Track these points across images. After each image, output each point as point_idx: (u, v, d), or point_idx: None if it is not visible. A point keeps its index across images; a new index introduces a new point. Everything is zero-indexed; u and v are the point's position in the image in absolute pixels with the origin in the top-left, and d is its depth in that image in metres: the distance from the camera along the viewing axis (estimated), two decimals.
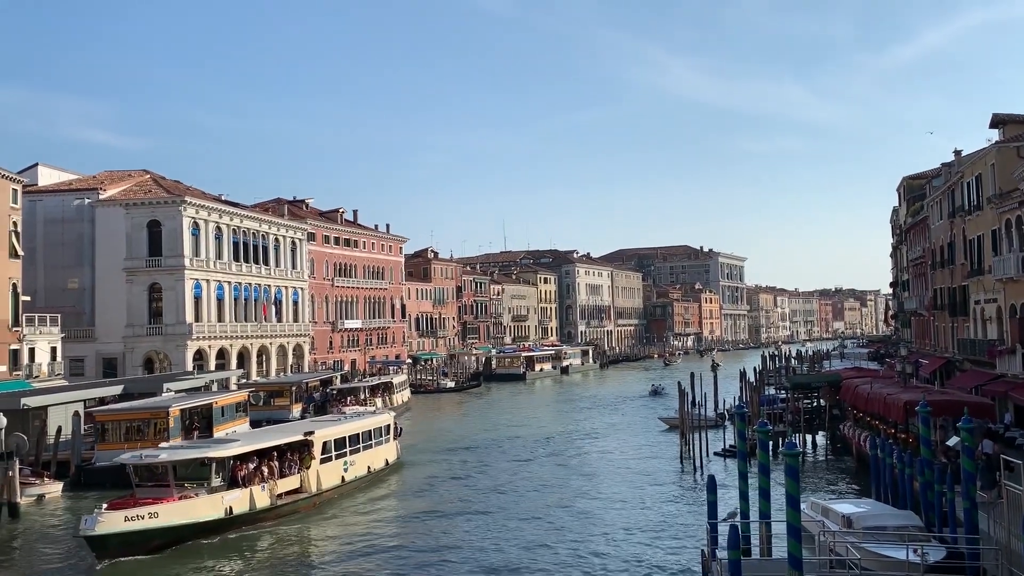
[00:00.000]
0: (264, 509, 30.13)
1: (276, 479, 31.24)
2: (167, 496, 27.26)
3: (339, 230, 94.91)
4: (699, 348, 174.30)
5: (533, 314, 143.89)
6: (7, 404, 38.94)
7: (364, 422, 39.34)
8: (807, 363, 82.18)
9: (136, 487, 28.06)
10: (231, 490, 29.04)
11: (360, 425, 38.50)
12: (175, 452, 29.34)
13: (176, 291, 65.79)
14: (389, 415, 43.12)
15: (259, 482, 30.28)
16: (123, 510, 25.96)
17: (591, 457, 45.01)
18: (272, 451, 32.25)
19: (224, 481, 29.18)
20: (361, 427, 38.36)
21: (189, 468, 28.70)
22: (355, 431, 37.50)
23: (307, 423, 39.60)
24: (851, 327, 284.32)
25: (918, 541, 19.27)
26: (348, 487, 35.70)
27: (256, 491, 29.90)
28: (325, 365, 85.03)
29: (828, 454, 43.17)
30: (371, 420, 40.31)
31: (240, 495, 29.18)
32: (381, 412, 43.62)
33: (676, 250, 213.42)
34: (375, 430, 39.55)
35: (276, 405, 56.92)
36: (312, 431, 34.30)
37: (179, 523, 26.86)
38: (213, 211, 70.20)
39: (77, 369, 63.72)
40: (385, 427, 40.90)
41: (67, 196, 68.07)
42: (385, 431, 40.76)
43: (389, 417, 42.43)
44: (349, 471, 36.06)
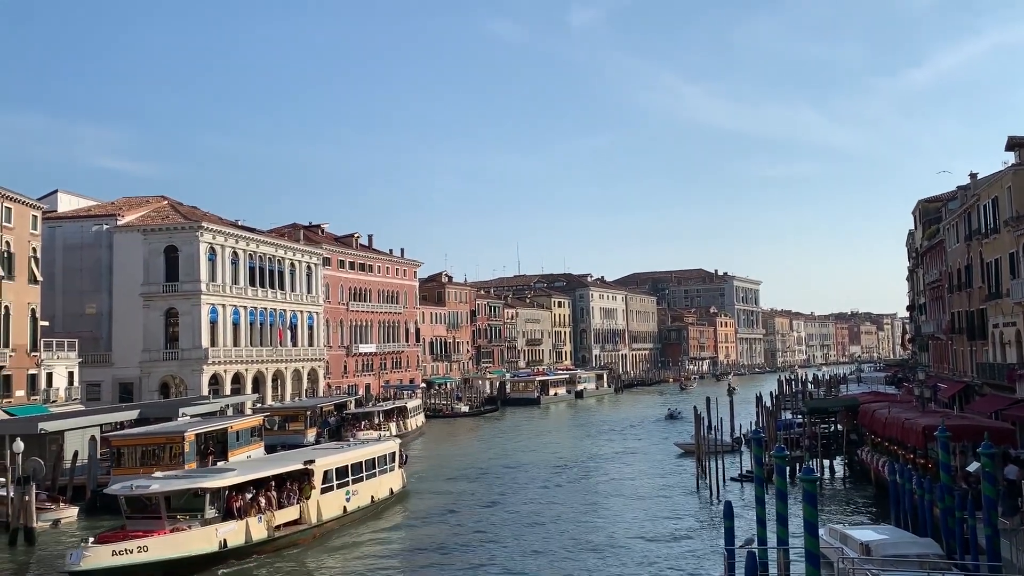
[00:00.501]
0: (261, 541, 29.09)
1: (274, 510, 30.27)
2: (158, 529, 26.32)
3: (354, 255, 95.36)
4: (715, 372, 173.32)
5: (547, 338, 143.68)
6: (25, 429, 39.16)
7: (368, 450, 38.14)
8: (824, 387, 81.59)
9: (127, 519, 27.16)
10: (226, 522, 28.03)
11: (363, 453, 37.29)
12: (167, 483, 28.27)
13: (192, 316, 66.18)
14: (394, 442, 41.90)
15: (256, 513, 29.32)
16: (111, 544, 24.94)
17: (606, 482, 44.70)
18: (270, 481, 31.23)
19: (219, 512, 28.20)
20: (364, 455, 37.12)
21: (182, 499, 27.70)
22: (358, 459, 36.28)
23: (308, 451, 38.43)
24: (868, 351, 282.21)
25: (939, 569, 19.00)
26: (350, 518, 34.56)
27: (252, 523, 28.90)
28: (340, 389, 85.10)
29: (846, 480, 42.70)
30: (375, 448, 39.14)
31: (235, 527, 28.18)
32: (386, 439, 42.55)
33: (691, 274, 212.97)
34: (379, 458, 38.31)
35: (291, 430, 56.99)
36: (312, 460, 33.15)
37: (170, 557, 25.74)
38: (230, 236, 70.73)
39: (94, 394, 64.06)
40: (390, 455, 39.63)
41: (86, 222, 68.80)
42: (390, 459, 39.49)
43: (394, 444, 41.31)
44: (351, 501, 34.89)
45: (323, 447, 41.38)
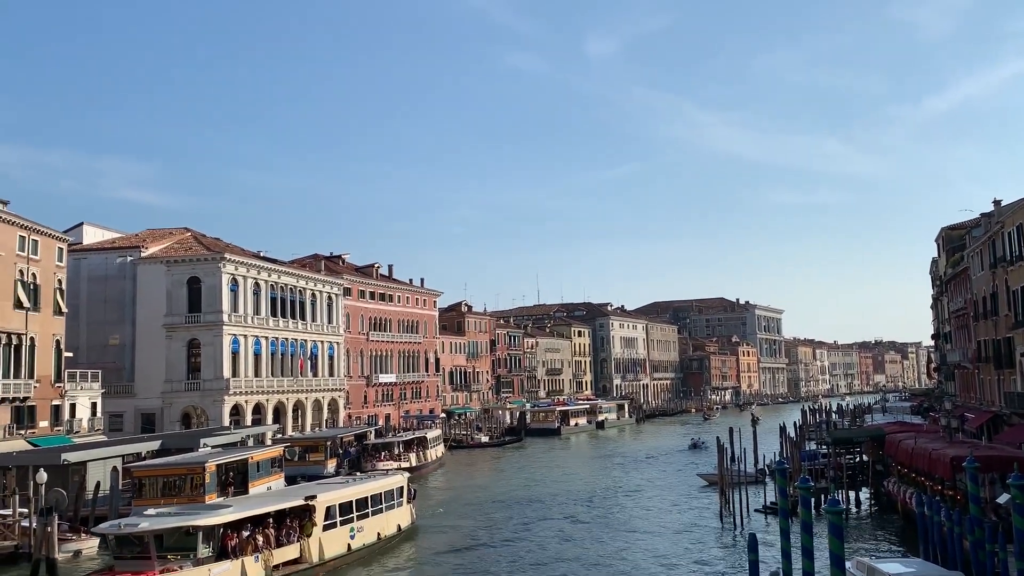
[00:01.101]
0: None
1: (272, 548, 29.00)
2: (148, 569, 25.11)
3: (374, 285, 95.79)
4: (737, 402, 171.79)
5: (567, 367, 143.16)
6: (48, 459, 39.44)
7: (374, 484, 36.67)
8: (848, 417, 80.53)
9: (115, 559, 25.96)
10: (220, 561, 26.81)
11: (369, 488, 35.89)
12: (157, 520, 26.87)
13: (214, 346, 66.58)
14: (402, 476, 40.13)
15: (252, 552, 28.00)
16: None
17: (628, 515, 44.22)
18: (268, 517, 30.00)
19: (213, 552, 26.97)
20: (370, 490, 35.74)
21: (173, 538, 26.43)
22: (363, 494, 34.91)
23: (310, 486, 36.85)
24: (892, 380, 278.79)
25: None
26: (355, 556, 33.27)
27: (248, 562, 27.61)
28: (360, 420, 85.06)
29: (873, 512, 41.98)
30: (382, 482, 37.58)
31: (230, 567, 26.90)
32: (394, 473, 40.87)
33: (712, 302, 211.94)
34: (386, 493, 36.82)
35: (311, 460, 56.95)
36: (314, 495, 31.82)
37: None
38: (252, 267, 71.32)
39: (116, 424, 64.43)
40: (398, 489, 38.17)
41: (110, 254, 69.67)
42: (398, 493, 38.06)
43: (402, 479, 39.70)
44: (356, 538, 33.62)
45: (326, 482, 40.16)
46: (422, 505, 48.30)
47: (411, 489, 40.03)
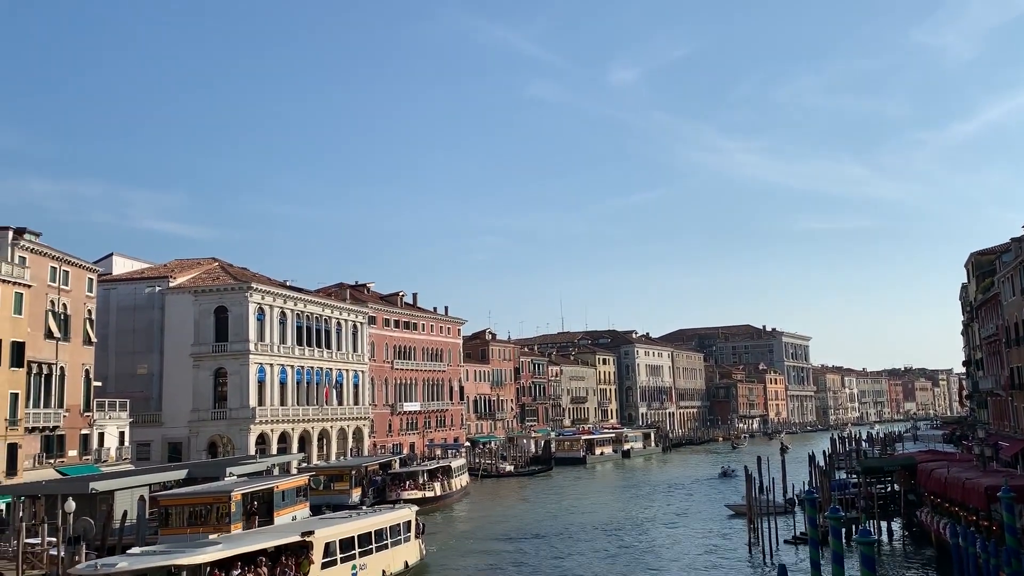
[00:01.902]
0: None
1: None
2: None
3: (399, 313, 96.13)
4: (765, 430, 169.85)
5: (592, 396, 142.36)
6: (76, 489, 39.70)
7: (378, 519, 34.92)
8: (878, 446, 79.35)
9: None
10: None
11: (373, 522, 34.08)
12: (137, 560, 25.17)
13: (241, 375, 66.99)
14: (410, 510, 38.22)
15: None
16: None
17: (656, 544, 43.69)
18: (260, 556, 28.23)
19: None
20: (374, 524, 33.92)
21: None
22: (367, 529, 33.16)
23: (310, 521, 35.46)
24: (923, 408, 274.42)
25: None
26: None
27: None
28: (384, 448, 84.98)
29: (905, 542, 41.14)
30: (387, 516, 35.85)
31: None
32: (401, 507, 38.94)
33: (738, 330, 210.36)
34: (392, 527, 35.14)
35: (336, 489, 56.86)
36: (311, 530, 29.98)
37: None
38: (278, 296, 71.88)
39: (144, 453, 64.86)
40: (404, 524, 36.50)
41: (139, 284, 70.56)
42: (405, 528, 36.35)
43: (410, 512, 37.90)
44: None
45: (329, 516, 38.31)
46: (443, 536, 48.07)
47: (419, 523, 38.45)
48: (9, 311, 48.24)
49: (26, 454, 49.52)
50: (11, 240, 49.99)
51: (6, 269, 48.19)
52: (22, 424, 49.05)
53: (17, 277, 49.02)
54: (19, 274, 49.31)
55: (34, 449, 50.60)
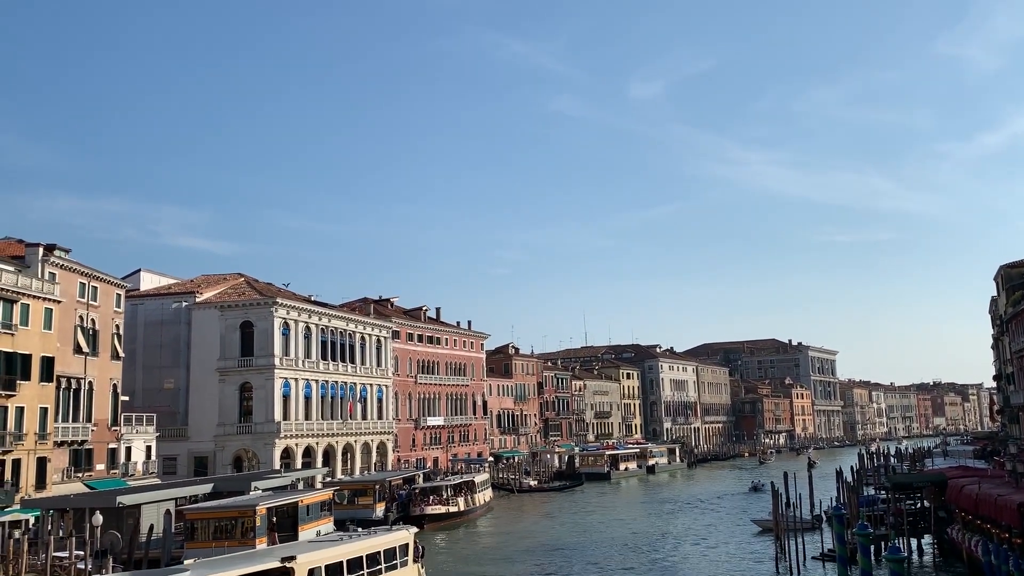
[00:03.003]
0: None
1: None
2: None
3: (422, 327, 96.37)
4: (792, 446, 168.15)
5: (616, 410, 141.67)
6: (104, 502, 40.09)
7: (372, 542, 32.07)
8: (907, 462, 78.20)
9: None
10: None
11: (365, 546, 31.12)
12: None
13: (266, 390, 67.41)
14: (408, 532, 35.19)
15: None
16: None
17: (682, 561, 43.29)
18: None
19: None
20: (366, 548, 31.00)
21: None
22: (358, 553, 30.22)
23: (291, 545, 32.49)
24: (953, 423, 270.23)
25: None
26: None
27: None
28: (408, 463, 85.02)
29: (936, 560, 40.38)
30: (382, 539, 32.83)
31: None
32: (399, 529, 36.07)
33: (763, 344, 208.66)
34: (387, 551, 32.19)
35: (360, 504, 57.03)
36: (293, 556, 27.27)
37: None
38: (303, 311, 72.34)
39: (170, 468, 65.35)
40: (401, 547, 33.53)
41: (166, 299, 71.33)
42: (401, 552, 33.40)
43: (408, 535, 34.86)
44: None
45: (315, 540, 35.25)
46: (462, 551, 47.96)
47: (419, 546, 35.82)
48: (39, 326, 48.95)
49: (55, 468, 50.10)
50: (41, 256, 50.83)
51: (36, 285, 48.94)
52: (51, 438, 49.65)
53: (47, 293, 49.77)
54: (49, 290, 50.06)
55: (63, 463, 51.18)
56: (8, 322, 46.43)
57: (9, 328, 46.46)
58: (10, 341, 46.59)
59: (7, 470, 46.05)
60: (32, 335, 48.32)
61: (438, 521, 58.55)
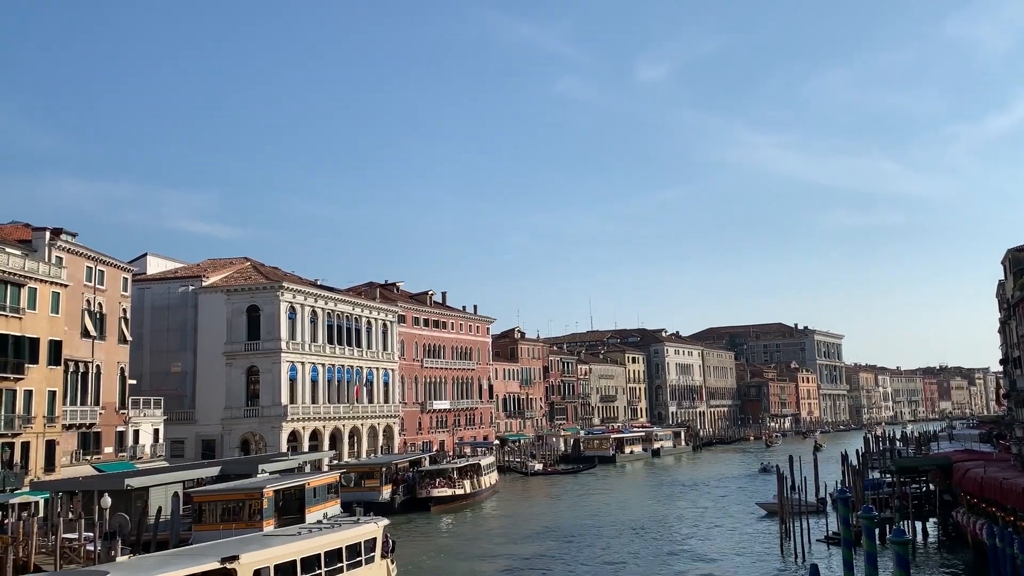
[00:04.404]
0: None
1: None
2: None
3: (428, 312, 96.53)
4: (798, 429, 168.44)
5: (622, 395, 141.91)
6: (112, 484, 40.39)
7: (331, 537, 28.54)
8: (913, 445, 78.21)
9: None
10: None
11: (323, 542, 27.80)
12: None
13: (272, 374, 67.66)
14: (376, 526, 31.61)
15: None
16: None
17: (686, 544, 43.43)
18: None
19: None
20: (325, 545, 27.72)
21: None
22: (315, 551, 27.06)
23: (235, 541, 28.25)
24: (959, 407, 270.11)
25: None
26: None
27: None
28: (414, 446, 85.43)
29: (941, 543, 40.54)
30: (344, 534, 29.22)
31: None
32: (366, 521, 32.44)
33: (769, 328, 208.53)
34: (351, 547, 28.95)
35: (367, 486, 57.38)
36: (235, 555, 24.00)
37: None
38: (309, 295, 72.49)
39: (177, 451, 65.73)
40: (368, 542, 30.24)
41: (172, 284, 71.52)
42: (368, 547, 30.11)
43: (375, 528, 31.36)
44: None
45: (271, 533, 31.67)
46: (470, 534, 48.19)
47: (389, 540, 32.51)
48: (47, 310, 49.16)
49: (63, 451, 50.46)
50: (48, 240, 50.97)
51: (44, 269, 49.11)
52: (59, 421, 50.00)
53: (54, 277, 49.95)
54: (56, 274, 50.23)
55: (71, 446, 51.53)
56: (16, 306, 46.64)
57: (17, 312, 46.67)
58: (18, 325, 46.82)
59: (16, 453, 46.42)
60: (40, 319, 48.54)
61: (444, 503, 58.89)
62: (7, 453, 45.82)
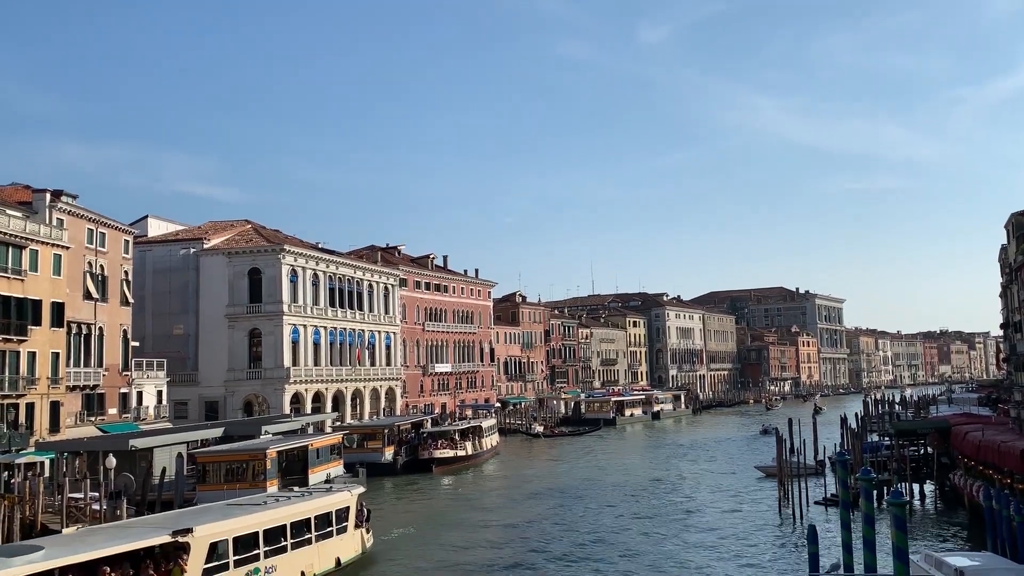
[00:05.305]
0: None
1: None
2: None
3: (430, 275, 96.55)
4: (797, 392, 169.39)
5: (622, 358, 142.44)
6: (117, 445, 40.74)
7: (297, 508, 26.87)
8: (912, 409, 78.67)
9: None
10: None
11: (288, 513, 26.17)
12: None
13: (275, 336, 67.87)
14: (350, 494, 30.03)
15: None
16: None
17: (685, 505, 43.85)
18: (103, 566, 20.32)
19: None
20: (291, 515, 26.15)
21: None
22: (279, 522, 25.45)
23: (187, 513, 26.67)
24: (959, 371, 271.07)
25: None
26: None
27: None
28: (416, 408, 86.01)
29: (937, 505, 40.91)
30: (313, 503, 27.63)
31: None
32: (340, 489, 30.97)
33: (770, 292, 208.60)
34: (320, 517, 27.46)
35: (369, 447, 57.96)
36: (188, 528, 22.28)
37: None
38: (310, 258, 72.45)
39: (181, 412, 66.20)
40: (340, 511, 28.78)
41: (174, 246, 71.45)
42: (339, 517, 28.70)
43: (349, 497, 29.73)
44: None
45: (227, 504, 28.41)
46: (471, 493, 48.64)
47: (363, 509, 31.15)
48: (48, 272, 49.19)
49: (68, 412, 50.82)
50: (49, 202, 50.83)
51: (44, 231, 49.04)
52: (63, 383, 50.28)
53: (55, 239, 49.89)
54: (57, 236, 50.17)
55: (75, 407, 51.89)
56: (17, 268, 46.66)
57: (19, 274, 46.71)
58: (20, 286, 46.88)
59: (21, 414, 46.76)
60: (41, 281, 48.58)
61: (446, 464, 59.48)
62: (12, 414, 46.16)
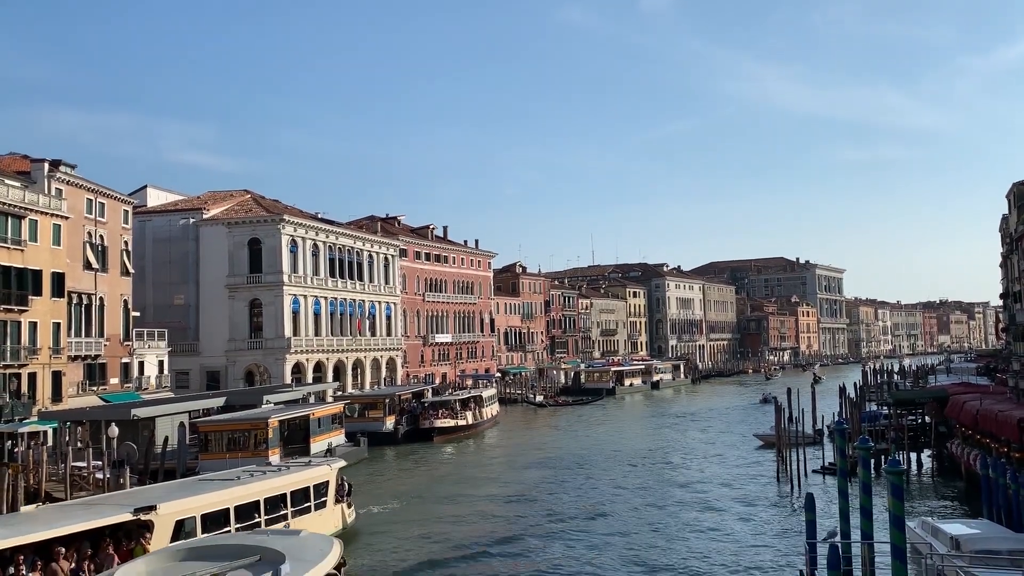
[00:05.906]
0: None
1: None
2: None
3: (430, 246, 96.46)
4: (797, 362, 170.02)
5: (622, 328, 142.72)
6: (119, 415, 40.97)
7: (273, 482, 25.34)
8: (911, 378, 78.97)
9: None
10: None
11: (262, 488, 24.61)
12: None
13: (275, 306, 67.97)
14: (329, 468, 28.61)
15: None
16: None
17: (683, 473, 44.16)
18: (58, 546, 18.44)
19: None
20: (265, 490, 24.64)
21: None
22: (252, 497, 23.98)
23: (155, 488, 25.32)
24: (958, 341, 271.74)
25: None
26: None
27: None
28: (417, 378, 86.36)
29: (934, 474, 41.24)
30: (286, 479, 26.03)
31: None
32: (319, 463, 29.56)
33: (771, 262, 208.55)
34: (297, 492, 25.99)
35: (370, 417, 58.32)
36: (152, 506, 20.74)
37: None
38: (310, 229, 72.33)
39: (183, 382, 66.50)
40: (318, 487, 27.33)
41: (173, 216, 71.30)
42: (318, 492, 27.30)
43: (329, 471, 28.36)
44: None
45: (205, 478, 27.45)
46: (472, 462, 48.98)
47: (344, 483, 29.88)
48: (48, 242, 49.14)
49: (70, 381, 51.04)
50: (47, 172, 50.65)
51: (44, 201, 48.91)
52: (65, 352, 50.43)
53: (55, 209, 49.77)
54: (56, 205, 50.05)
55: (77, 377, 52.11)
56: (17, 238, 46.60)
57: (18, 244, 46.65)
58: (20, 257, 46.86)
59: (23, 383, 46.97)
60: (41, 251, 48.54)
61: (447, 434, 59.88)
62: (14, 383, 46.36)
